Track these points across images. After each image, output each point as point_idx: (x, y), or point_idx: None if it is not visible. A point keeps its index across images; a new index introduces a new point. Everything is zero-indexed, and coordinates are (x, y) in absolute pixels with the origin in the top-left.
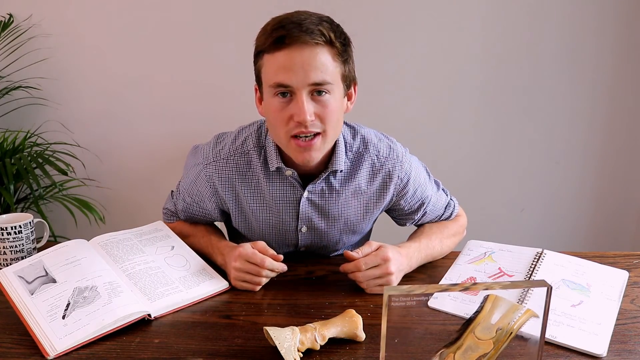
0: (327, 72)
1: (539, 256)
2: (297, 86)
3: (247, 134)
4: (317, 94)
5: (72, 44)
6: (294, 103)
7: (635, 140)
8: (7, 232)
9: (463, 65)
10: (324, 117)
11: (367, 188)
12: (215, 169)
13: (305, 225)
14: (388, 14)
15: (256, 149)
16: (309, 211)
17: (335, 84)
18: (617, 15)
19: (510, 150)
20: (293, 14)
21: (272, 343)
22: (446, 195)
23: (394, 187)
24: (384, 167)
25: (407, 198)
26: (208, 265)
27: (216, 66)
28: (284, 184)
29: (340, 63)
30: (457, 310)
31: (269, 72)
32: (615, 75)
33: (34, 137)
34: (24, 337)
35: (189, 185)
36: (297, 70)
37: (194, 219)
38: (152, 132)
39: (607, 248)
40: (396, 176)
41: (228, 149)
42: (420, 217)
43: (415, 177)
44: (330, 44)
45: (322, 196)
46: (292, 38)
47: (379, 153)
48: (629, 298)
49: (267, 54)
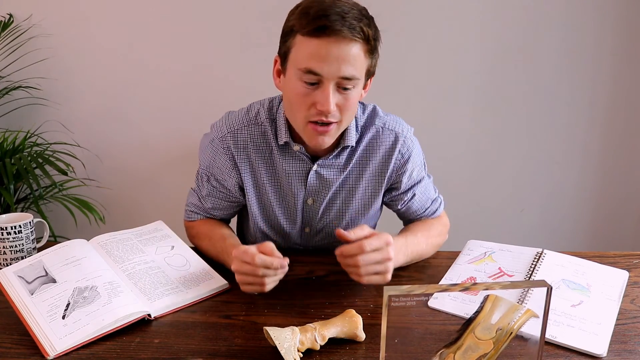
0: (357, 67)
1: (539, 256)
2: (327, 76)
3: (258, 107)
4: (342, 87)
5: (72, 44)
6: (319, 91)
7: (635, 140)
8: (7, 232)
9: (462, 65)
10: (345, 108)
11: (371, 161)
12: (232, 138)
13: (311, 197)
14: (388, 14)
15: (268, 120)
16: (317, 184)
17: (360, 78)
18: (617, 15)
19: (510, 150)
20: (335, 1)
21: (272, 343)
22: (435, 192)
23: (395, 161)
24: (388, 138)
25: (405, 177)
26: (208, 265)
27: (217, 66)
28: (293, 157)
29: (369, 59)
30: (457, 310)
31: (301, 55)
32: (615, 75)
33: (34, 137)
34: (24, 337)
35: (209, 164)
36: (331, 62)
37: (220, 204)
38: (152, 132)
39: (607, 248)
40: (397, 150)
41: (242, 119)
42: (409, 198)
43: (415, 157)
44: (366, 41)
45: (330, 169)
46: (333, 30)
47: (385, 125)
48: (629, 298)
49: (303, 37)
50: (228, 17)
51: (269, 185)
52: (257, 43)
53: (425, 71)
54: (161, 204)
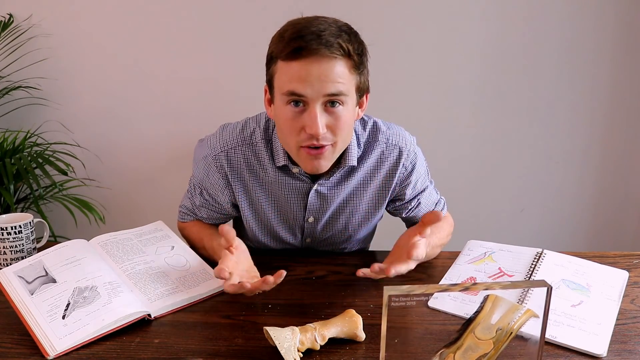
0: (342, 84)
1: (539, 256)
2: (311, 97)
3: (254, 126)
4: (330, 105)
5: (72, 44)
6: (306, 114)
7: (635, 140)
8: (7, 232)
9: (462, 65)
10: (336, 129)
11: (375, 176)
12: (225, 157)
13: (312, 216)
14: (387, 14)
15: (263, 142)
16: (317, 203)
17: (349, 95)
18: (617, 15)
19: (510, 150)
20: (312, 21)
21: (272, 343)
22: (436, 194)
23: (399, 175)
24: (392, 154)
25: (409, 189)
26: (208, 265)
27: (217, 66)
28: (291, 178)
29: (355, 74)
30: (457, 310)
31: (283, 79)
32: (615, 75)
33: (34, 137)
34: (24, 337)
35: (201, 179)
36: (313, 82)
37: (212, 215)
38: (152, 132)
39: (607, 248)
40: (401, 164)
41: (236, 138)
42: (414, 206)
43: (418, 168)
44: (348, 56)
45: (331, 188)
46: (310, 50)
47: (387, 141)
48: (629, 298)
49: (282, 62)
50: (228, 17)
51: (266, 204)
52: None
53: (425, 72)
54: (161, 204)
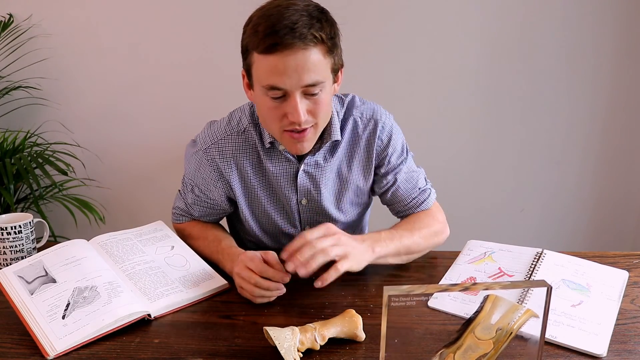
0: (319, 72)
1: (539, 256)
2: (290, 88)
3: (240, 114)
4: (309, 93)
5: (72, 44)
6: (287, 103)
7: (635, 140)
8: (7, 232)
9: (462, 65)
10: (316, 112)
11: (355, 152)
12: (216, 149)
13: (305, 198)
14: (387, 14)
15: (251, 125)
16: (307, 183)
17: (326, 80)
18: (617, 15)
19: (510, 150)
20: (282, 12)
21: (272, 343)
22: (425, 182)
23: (376, 148)
24: (367, 127)
25: (386, 161)
26: (208, 265)
27: (217, 65)
28: (280, 159)
29: (330, 58)
30: (457, 310)
31: (260, 72)
32: (614, 75)
33: (34, 137)
34: (24, 337)
35: (193, 175)
36: (291, 74)
37: (205, 212)
38: (152, 132)
39: (607, 248)
40: (377, 137)
41: (224, 129)
42: (391, 183)
43: (394, 140)
44: (322, 43)
45: (317, 167)
46: (285, 45)
47: (362, 114)
48: (629, 298)
49: (259, 55)
50: (228, 17)
51: (261, 190)
52: None
53: (424, 71)
54: (161, 204)
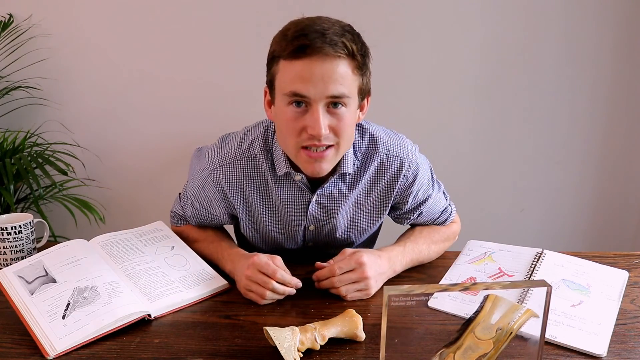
0: (345, 85)
1: (539, 256)
2: (314, 98)
3: (253, 137)
4: (332, 106)
5: (72, 44)
6: (309, 114)
7: (635, 140)
8: (7, 232)
9: (463, 65)
10: (339, 130)
11: (375, 187)
12: (222, 173)
13: (313, 224)
14: (387, 14)
15: (263, 152)
16: (318, 213)
17: (352, 97)
18: (617, 15)
19: (511, 150)
20: (315, 21)
21: (272, 343)
22: (445, 200)
23: (399, 185)
24: (393, 165)
25: (410, 198)
26: (208, 265)
27: (217, 65)
28: (292, 188)
29: (359, 76)
30: (457, 310)
31: (285, 79)
32: (615, 75)
33: (34, 137)
34: (24, 337)
35: (196, 191)
36: (316, 82)
37: (204, 224)
38: (153, 132)
39: (607, 248)
40: (402, 175)
41: (234, 152)
42: (416, 217)
43: (420, 178)
44: (352, 57)
45: (331, 199)
46: (314, 48)
47: (388, 152)
48: (629, 298)
49: (285, 61)
50: (229, 18)
51: (266, 215)
52: (257, 44)
53: (426, 72)
54: (161, 204)
